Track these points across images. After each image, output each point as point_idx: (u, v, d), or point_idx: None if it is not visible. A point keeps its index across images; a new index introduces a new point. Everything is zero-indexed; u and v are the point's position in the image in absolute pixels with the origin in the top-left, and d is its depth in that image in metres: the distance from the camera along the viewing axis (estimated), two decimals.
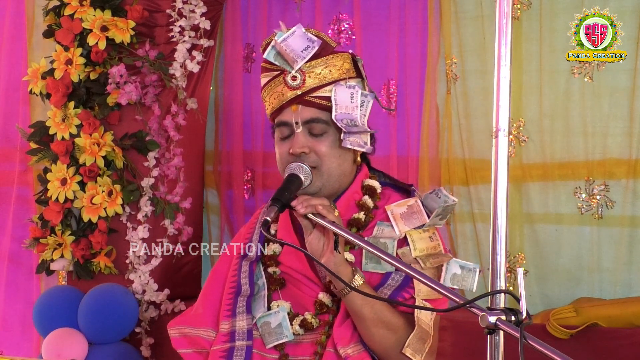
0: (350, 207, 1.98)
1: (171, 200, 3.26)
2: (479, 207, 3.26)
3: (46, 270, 3.30)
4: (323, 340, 1.89)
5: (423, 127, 3.33)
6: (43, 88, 3.28)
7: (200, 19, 3.27)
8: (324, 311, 1.90)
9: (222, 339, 1.93)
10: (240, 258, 2.00)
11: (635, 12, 3.04)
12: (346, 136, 1.92)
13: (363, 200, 1.98)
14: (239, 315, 1.94)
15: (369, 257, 1.91)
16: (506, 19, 1.46)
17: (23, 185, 3.54)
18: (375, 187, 2.01)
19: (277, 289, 1.97)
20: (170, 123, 3.25)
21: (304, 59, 1.91)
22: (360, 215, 1.95)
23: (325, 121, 1.93)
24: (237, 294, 1.95)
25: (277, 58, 1.93)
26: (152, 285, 3.25)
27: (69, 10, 3.22)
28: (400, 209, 1.94)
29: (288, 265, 1.97)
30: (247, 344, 1.91)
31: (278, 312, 1.92)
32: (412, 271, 1.58)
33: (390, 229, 1.93)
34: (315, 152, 1.92)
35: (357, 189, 2.00)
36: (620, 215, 3.11)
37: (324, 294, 1.90)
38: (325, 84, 1.92)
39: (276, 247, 2.00)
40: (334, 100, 1.90)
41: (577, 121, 3.16)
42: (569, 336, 2.85)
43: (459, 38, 3.30)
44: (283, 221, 2.01)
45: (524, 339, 1.34)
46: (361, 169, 2.03)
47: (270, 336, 1.92)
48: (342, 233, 1.72)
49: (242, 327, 1.93)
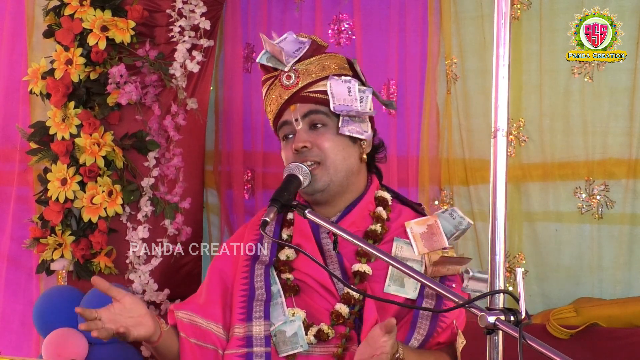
0: (365, 218, 1.98)
1: (171, 200, 3.26)
2: (479, 207, 3.25)
3: (46, 271, 3.30)
4: (340, 352, 1.87)
5: (423, 127, 3.33)
6: (43, 88, 3.28)
7: (200, 19, 3.27)
8: (340, 322, 1.88)
9: (237, 343, 1.90)
10: (252, 260, 1.98)
11: (635, 12, 3.04)
12: (344, 125, 1.92)
13: (378, 212, 1.98)
14: (255, 321, 1.90)
15: (392, 279, 1.90)
16: (505, 19, 1.46)
17: (23, 185, 3.53)
18: (387, 199, 2.02)
19: (290, 296, 1.94)
20: (170, 123, 3.25)
21: (296, 57, 1.93)
22: (377, 227, 1.95)
23: (325, 113, 1.94)
24: (251, 298, 1.93)
25: (270, 60, 1.95)
26: (152, 285, 3.25)
27: (69, 10, 3.22)
28: (421, 228, 1.93)
29: (304, 272, 1.95)
30: (266, 351, 1.88)
31: (294, 321, 1.89)
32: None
33: (409, 247, 1.92)
34: (318, 146, 1.92)
35: (370, 200, 2.00)
36: (621, 215, 3.11)
37: (341, 305, 1.88)
38: (319, 79, 1.94)
39: (290, 252, 1.98)
40: (330, 93, 1.91)
41: (577, 121, 3.16)
42: (569, 336, 2.85)
43: (459, 38, 3.30)
44: (300, 227, 1.99)
45: (523, 339, 1.34)
46: (372, 181, 2.04)
47: (285, 345, 1.89)
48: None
49: (259, 332, 1.90)
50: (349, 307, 1.89)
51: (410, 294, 1.88)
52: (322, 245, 1.95)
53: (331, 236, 1.93)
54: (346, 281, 1.83)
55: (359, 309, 1.88)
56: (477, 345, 1.75)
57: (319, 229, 1.95)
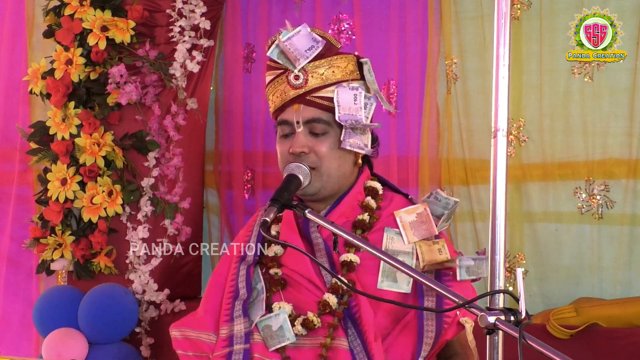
0: (354, 208, 1.97)
1: (170, 200, 3.26)
2: (479, 207, 3.26)
3: (46, 271, 3.30)
4: (328, 343, 1.87)
5: (423, 127, 3.33)
6: (43, 88, 3.28)
7: (200, 19, 3.27)
8: (327, 312, 1.89)
9: (222, 344, 1.91)
10: (239, 261, 2.00)
11: (635, 12, 3.04)
12: (346, 137, 1.91)
13: (366, 202, 1.97)
14: (236, 320, 1.92)
15: (385, 275, 1.89)
16: (505, 19, 1.46)
17: (23, 185, 3.54)
18: (377, 189, 2.01)
19: (278, 290, 1.95)
20: (170, 123, 3.25)
21: (307, 58, 1.91)
22: (365, 217, 1.95)
23: (327, 121, 1.93)
24: (235, 298, 1.94)
25: (281, 57, 1.93)
26: (152, 285, 3.25)
27: (69, 10, 3.22)
28: (410, 217, 1.93)
29: (291, 268, 1.95)
30: (245, 347, 1.89)
31: (279, 314, 1.90)
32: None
33: (399, 237, 1.92)
34: (315, 152, 1.92)
35: (360, 190, 1.99)
36: (621, 215, 3.11)
37: (329, 295, 1.88)
38: (327, 85, 1.92)
39: (278, 249, 1.98)
40: (336, 102, 1.90)
41: (577, 121, 3.16)
42: (569, 336, 2.85)
43: (459, 38, 3.30)
44: (286, 222, 2.00)
45: (523, 339, 1.34)
46: (363, 171, 2.03)
47: (272, 339, 1.90)
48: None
49: (239, 330, 1.91)
50: (337, 298, 1.88)
51: (404, 288, 1.88)
52: (312, 239, 1.94)
53: (323, 232, 1.93)
54: (335, 273, 1.82)
55: (347, 299, 1.88)
56: (477, 345, 1.75)
57: (309, 223, 1.94)
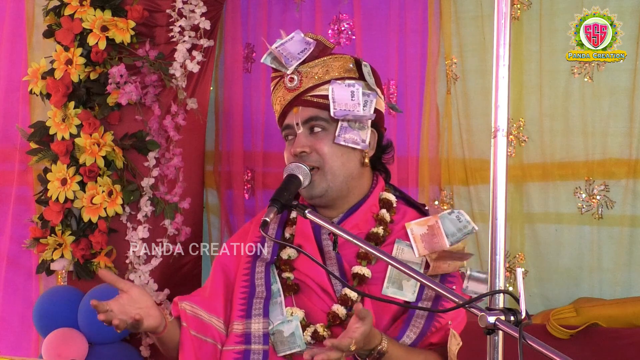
0: (368, 221, 1.97)
1: (170, 200, 3.26)
2: (479, 207, 3.25)
3: (46, 271, 3.30)
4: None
5: (423, 127, 3.33)
6: (43, 88, 3.28)
7: (200, 19, 3.27)
8: (337, 323, 1.88)
9: (236, 340, 1.89)
10: (253, 258, 1.99)
11: (635, 12, 3.04)
12: (341, 133, 1.91)
13: (381, 215, 1.97)
14: (254, 318, 1.90)
15: (390, 281, 1.89)
16: (505, 19, 1.46)
17: (23, 185, 3.53)
18: (391, 201, 2.00)
19: (290, 295, 1.94)
20: (170, 123, 3.25)
21: (299, 60, 1.92)
22: (379, 230, 1.94)
23: (325, 119, 1.93)
24: (252, 295, 1.93)
25: (274, 62, 1.95)
26: (152, 285, 3.25)
27: (69, 10, 3.22)
28: (421, 229, 1.92)
29: (304, 272, 1.95)
30: (264, 348, 1.87)
31: (292, 320, 1.89)
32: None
33: (409, 249, 1.91)
34: (317, 151, 1.92)
35: (374, 202, 1.99)
36: (620, 215, 3.11)
37: (338, 306, 1.88)
38: (322, 83, 1.92)
39: (292, 252, 1.97)
40: (331, 98, 1.91)
41: (577, 121, 3.16)
42: (569, 336, 2.85)
43: (459, 38, 3.30)
44: (302, 227, 1.99)
45: (523, 339, 1.34)
46: (378, 182, 2.03)
47: (283, 345, 1.88)
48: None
49: (257, 330, 1.89)
50: (346, 309, 1.88)
51: (409, 297, 1.87)
52: (323, 246, 1.94)
53: (331, 237, 1.93)
54: (345, 282, 1.82)
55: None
56: (477, 345, 1.75)
57: (320, 229, 1.94)
